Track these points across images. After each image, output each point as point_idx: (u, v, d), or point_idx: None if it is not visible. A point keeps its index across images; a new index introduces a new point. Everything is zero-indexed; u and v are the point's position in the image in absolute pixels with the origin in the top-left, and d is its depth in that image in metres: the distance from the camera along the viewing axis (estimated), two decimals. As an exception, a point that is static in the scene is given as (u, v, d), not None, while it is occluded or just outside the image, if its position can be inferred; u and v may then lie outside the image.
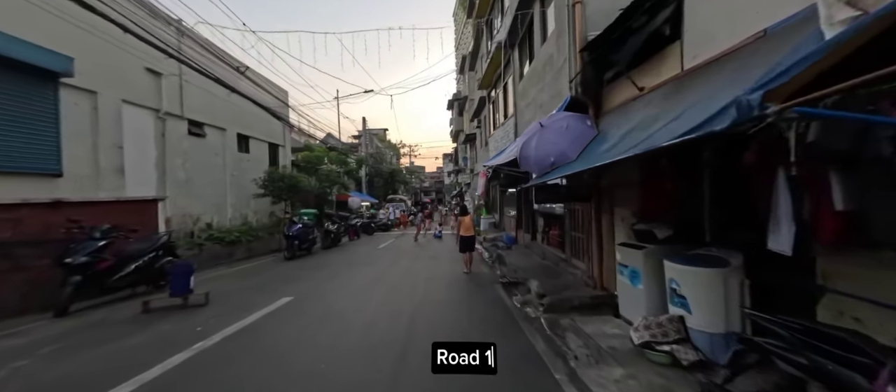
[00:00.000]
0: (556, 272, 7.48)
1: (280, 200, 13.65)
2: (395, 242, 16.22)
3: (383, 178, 34.53)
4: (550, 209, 9.51)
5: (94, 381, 3.25)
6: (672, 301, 3.63)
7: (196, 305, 5.57)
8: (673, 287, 3.59)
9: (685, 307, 3.47)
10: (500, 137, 13.46)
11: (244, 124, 13.61)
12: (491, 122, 15.97)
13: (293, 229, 11.15)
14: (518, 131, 11.33)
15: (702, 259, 3.44)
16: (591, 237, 6.39)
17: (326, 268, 9.61)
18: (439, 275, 8.58)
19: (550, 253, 8.91)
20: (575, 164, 4.89)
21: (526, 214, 12.31)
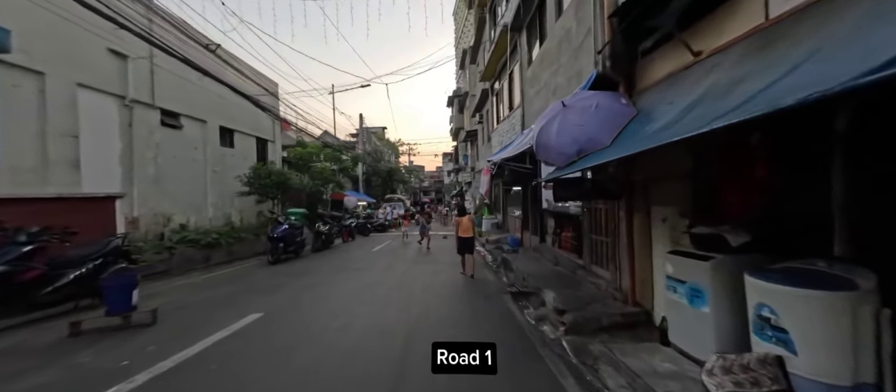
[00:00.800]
0: (573, 281, 6.47)
1: (267, 199, 12.62)
2: (391, 244, 15.22)
3: (381, 177, 33.51)
4: (563, 208, 8.51)
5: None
6: (761, 334, 2.62)
7: (141, 325, 4.54)
8: (764, 315, 2.58)
9: (786, 345, 2.46)
10: (504, 131, 12.46)
11: (228, 116, 12.59)
12: (494, 116, 14.97)
13: (278, 231, 10.13)
14: (525, 123, 10.33)
15: (809, 277, 2.44)
16: (619, 241, 5.38)
17: (312, 274, 8.59)
18: (439, 282, 7.57)
19: (564, 258, 7.91)
20: (610, 151, 3.88)
21: (533, 214, 11.30)
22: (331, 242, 14.03)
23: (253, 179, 12.19)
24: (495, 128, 14.29)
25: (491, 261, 10.80)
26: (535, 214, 10.92)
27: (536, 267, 8.04)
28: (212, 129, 11.87)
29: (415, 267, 9.45)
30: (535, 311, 5.78)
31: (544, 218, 10.00)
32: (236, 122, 13.12)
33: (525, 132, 9.69)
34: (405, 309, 5.40)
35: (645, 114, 4.03)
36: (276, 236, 10.03)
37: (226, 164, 12.43)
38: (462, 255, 8.42)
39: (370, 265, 9.85)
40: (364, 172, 30.86)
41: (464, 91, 27.35)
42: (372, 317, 5.00)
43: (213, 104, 11.67)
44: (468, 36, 25.86)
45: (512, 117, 11.52)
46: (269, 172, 12.34)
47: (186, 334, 4.22)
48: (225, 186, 12.19)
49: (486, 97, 16.53)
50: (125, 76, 8.74)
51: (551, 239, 9.25)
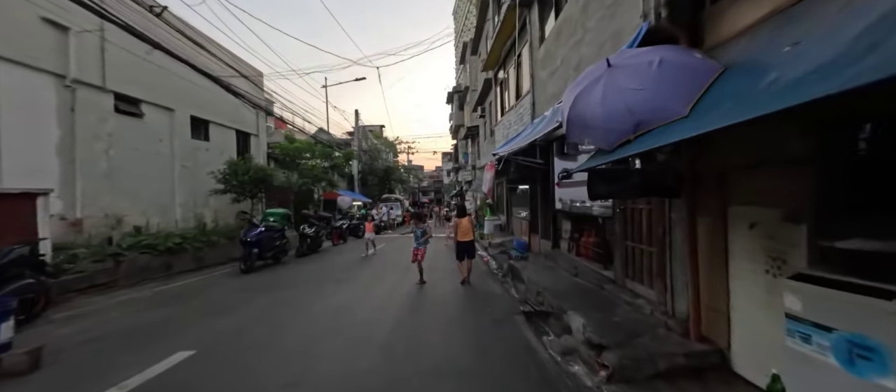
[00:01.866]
0: (602, 300, 5.17)
1: (245, 197, 11.29)
2: (385, 248, 13.90)
3: (378, 176, 32.18)
4: (583, 209, 7.22)
5: None
6: None
7: (12, 375, 3.22)
8: None
9: None
10: (510, 123, 11.17)
11: (202, 105, 11.28)
12: (497, 108, 13.68)
13: (252, 234, 8.82)
14: (536, 111, 9.04)
15: None
16: (671, 252, 4.09)
17: (285, 286, 7.28)
18: (435, 299, 6.27)
19: (585, 268, 6.61)
20: (691, 124, 2.58)
21: (543, 216, 10.00)
22: (318, 246, 12.72)
23: (229, 175, 10.87)
24: (499, 120, 13.00)
25: (495, 268, 9.50)
26: (547, 216, 9.62)
27: (552, 278, 6.74)
28: (181, 118, 10.54)
29: (408, 276, 8.14)
30: (558, 340, 4.50)
31: (558, 220, 8.71)
32: (212, 112, 11.79)
33: (537, 121, 8.40)
34: (388, 346, 4.05)
35: (742, 68, 2.72)
36: (249, 240, 8.72)
37: (198, 159, 11.11)
38: (461, 260, 7.44)
39: (356, 274, 8.53)
40: (360, 171, 29.55)
41: (464, 86, 26.08)
42: (338, 363, 3.63)
43: (182, 91, 10.36)
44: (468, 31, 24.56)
45: (519, 106, 10.24)
46: (247, 168, 11.02)
47: (70, 389, 2.90)
48: (198, 183, 10.88)
49: (489, 88, 15.24)
50: (65, 51, 7.42)
51: (567, 244, 7.95)
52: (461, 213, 8.57)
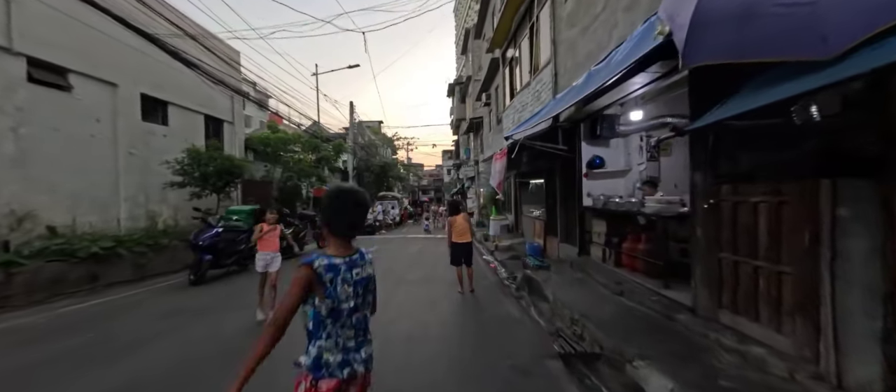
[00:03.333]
0: (682, 340, 3.42)
1: (209, 192, 9.55)
2: (379, 249, 12.16)
3: (374, 172, 30.45)
4: (629, 205, 5.52)
5: None
6: None
7: None
8: None
9: None
10: (524, 104, 9.44)
11: (159, 83, 9.56)
12: (505, 91, 11.94)
13: (205, 236, 7.10)
14: (559, 85, 7.31)
15: None
16: (831, 275, 2.37)
17: (232, 308, 5.54)
18: (433, 330, 4.52)
19: (634, 285, 4.87)
20: None
21: (564, 215, 8.28)
22: (300, 249, 10.97)
23: (188, 165, 9.13)
24: (508, 104, 11.27)
25: (506, 277, 7.77)
26: (570, 215, 7.89)
27: (588, 298, 4.99)
28: (127, 95, 8.78)
29: (398, 292, 6.41)
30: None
31: (586, 220, 6.98)
32: (172, 91, 10.06)
33: (561, 96, 6.66)
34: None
35: None
36: (199, 244, 6.99)
37: (152, 146, 9.37)
38: (458, 265, 6.21)
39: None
40: (355, 167, 27.81)
41: (466, 77, 24.32)
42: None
43: (131, 63, 8.65)
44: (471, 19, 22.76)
45: (535, 83, 8.50)
46: (210, 156, 9.28)
47: None
48: (151, 175, 9.16)
49: (496, 70, 13.50)
50: (-53, -3, 5.71)
51: (602, 252, 6.22)
52: (453, 210, 6.91)
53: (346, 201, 1.50)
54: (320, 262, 1.41)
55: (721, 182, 3.30)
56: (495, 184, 8.74)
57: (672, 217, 4.65)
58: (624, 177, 6.98)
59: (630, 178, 6.84)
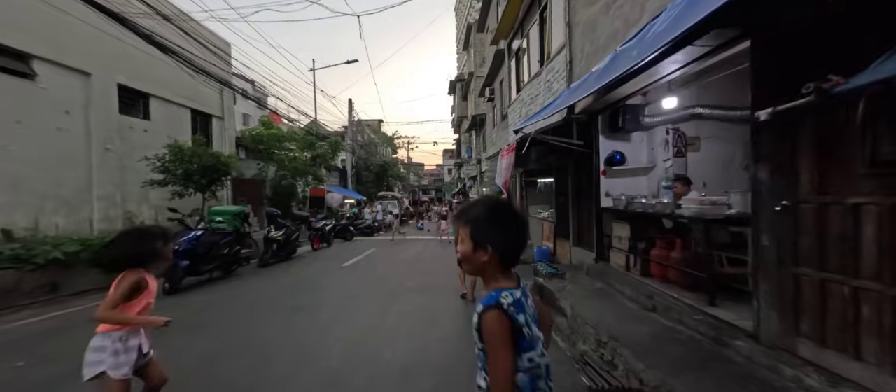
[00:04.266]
0: (747, 378, 2.71)
1: (192, 191, 8.86)
2: (376, 252, 11.51)
3: (374, 172, 29.77)
4: (661, 207, 4.82)
5: None
6: None
7: None
8: None
9: None
10: (533, 96, 8.74)
11: (139, 73, 8.88)
12: (511, 85, 11.25)
13: (182, 240, 6.41)
14: (575, 72, 6.63)
15: None
16: None
17: (203, 326, 4.87)
18: (434, 349, 3.82)
19: (670, 300, 4.16)
20: None
21: (578, 216, 7.58)
22: (292, 252, 10.31)
23: (170, 162, 8.45)
24: (514, 99, 10.57)
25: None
26: (585, 216, 7.20)
27: (614, 313, 4.29)
28: (102, 86, 8.09)
29: (394, 304, 5.71)
30: None
31: (604, 223, 6.27)
32: (154, 83, 9.38)
33: (577, 84, 5.96)
34: None
35: None
36: (175, 249, 6.28)
37: (131, 142, 8.69)
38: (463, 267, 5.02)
39: (325, 297, 6.09)
40: (353, 165, 27.12)
41: (468, 74, 23.63)
42: None
43: (106, 50, 7.97)
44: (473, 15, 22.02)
45: (546, 72, 7.80)
46: (194, 152, 8.59)
47: None
48: (129, 173, 8.47)
49: (501, 63, 12.80)
50: None
51: (625, 258, 5.50)
52: None
53: (512, 219, 1.19)
54: (506, 299, 1.07)
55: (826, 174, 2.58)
56: (501, 182, 8.03)
57: (718, 220, 3.95)
58: (646, 174, 6.27)
59: (654, 176, 6.14)
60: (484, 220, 1.13)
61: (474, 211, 1.19)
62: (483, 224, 1.13)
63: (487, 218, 1.14)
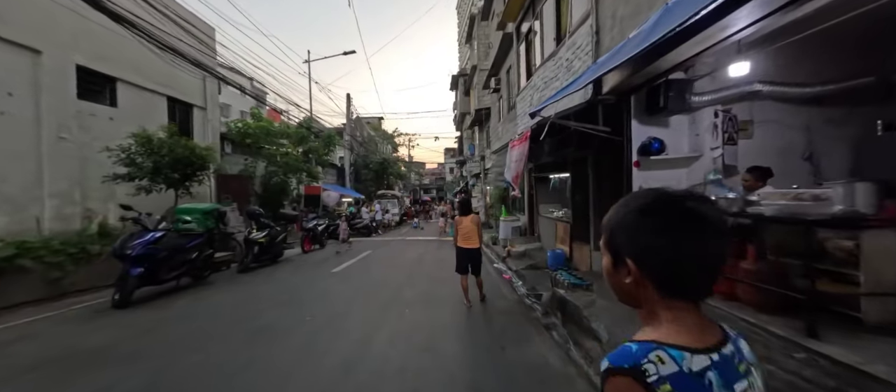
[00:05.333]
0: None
1: (160, 186, 7.86)
2: (372, 255, 10.51)
3: (373, 170, 28.79)
4: (721, 205, 3.80)
5: None
6: None
7: None
8: None
9: None
10: (547, 80, 7.71)
11: (102, 53, 7.91)
12: (520, 70, 10.22)
13: (135, 244, 5.42)
14: (602, 43, 5.61)
15: None
16: None
17: (134, 357, 3.87)
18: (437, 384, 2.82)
19: (746, 327, 3.12)
20: None
21: (598, 216, 6.55)
22: (278, 255, 9.32)
23: (137, 155, 7.47)
24: (524, 85, 9.55)
25: (525, 293, 6.07)
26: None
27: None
28: (55, 65, 7.08)
29: (388, 319, 4.71)
30: None
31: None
32: (122, 65, 8.40)
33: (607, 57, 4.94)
34: None
35: None
36: (127, 254, 5.30)
37: (92, 131, 7.71)
38: (463, 273, 5.32)
39: (306, 311, 5.06)
40: (352, 163, 26.13)
41: (470, 67, 22.59)
42: None
43: (61, 25, 7.01)
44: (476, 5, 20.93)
45: (565, 50, 6.77)
46: (162, 143, 7.59)
47: None
48: (90, 167, 7.49)
49: (509, 48, 11.77)
50: None
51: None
52: (464, 209, 5.41)
53: (683, 216, 0.61)
54: (657, 366, 0.56)
55: None
56: (512, 177, 7.01)
57: (818, 222, 2.93)
58: (688, 166, 5.25)
59: (698, 168, 5.11)
60: (628, 217, 0.64)
61: (616, 208, 0.69)
62: (626, 224, 0.65)
63: (635, 214, 0.64)
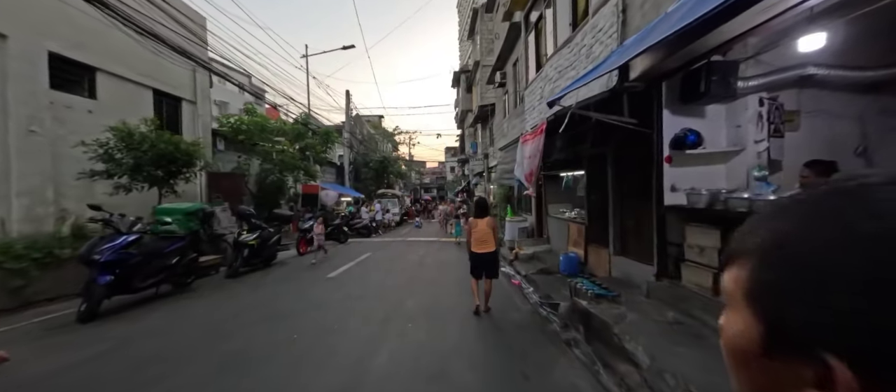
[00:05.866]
0: None
1: (141, 184, 7.26)
2: (372, 257, 9.93)
3: (373, 168, 28.18)
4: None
5: None
6: None
7: None
8: None
9: None
10: (561, 70, 7.10)
11: (79, 40, 7.33)
12: (529, 61, 9.62)
13: (103, 248, 4.82)
14: (630, 22, 5.01)
15: None
16: None
17: (83, 386, 3.28)
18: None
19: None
20: None
21: (619, 215, 5.99)
22: (270, 258, 8.73)
23: (115, 148, 6.87)
24: (534, 77, 8.94)
25: (537, 300, 5.48)
26: (636, 218, 5.60)
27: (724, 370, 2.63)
28: (24, 52, 6.48)
29: (385, 341, 4.11)
30: None
31: (669, 227, 4.66)
32: (102, 53, 7.80)
33: (634, 39, 4.34)
34: None
35: None
36: (94, 260, 4.71)
37: (68, 125, 7.11)
38: (477, 278, 4.92)
39: (278, 335, 4.45)
40: (351, 162, 25.53)
41: (473, 63, 21.97)
42: None
43: (32, 9, 6.41)
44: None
45: (583, 35, 6.17)
46: (143, 138, 6.99)
47: None
48: (66, 163, 6.89)
49: (516, 38, 11.16)
50: None
51: (714, 279, 3.87)
52: (481, 210, 5.01)
53: None
54: None
55: None
56: (524, 175, 6.41)
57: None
58: (726, 161, 4.65)
59: (739, 163, 4.51)
60: (852, 260, 0.24)
61: (796, 230, 0.29)
62: (845, 277, 0.24)
63: (821, 249, 0.25)
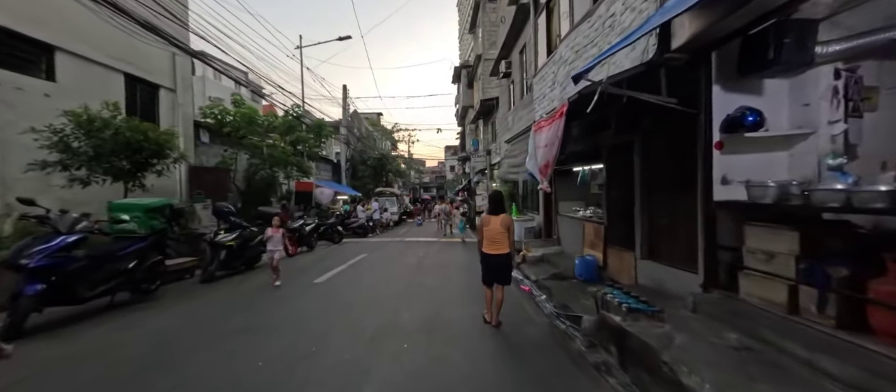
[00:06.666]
0: None
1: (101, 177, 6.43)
2: (366, 259, 9.11)
3: (371, 166, 27.34)
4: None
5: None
6: None
7: None
8: None
9: None
10: (578, 49, 6.28)
11: (36, 14, 6.50)
12: (539, 46, 8.81)
13: (35, 252, 3.98)
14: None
15: None
16: None
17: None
18: None
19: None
20: None
21: (647, 215, 5.17)
22: (253, 260, 7.92)
23: (72, 138, 6.03)
24: (545, 62, 8.12)
25: (555, 312, 4.65)
26: (671, 216, 4.78)
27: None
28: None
29: (372, 370, 3.29)
30: None
31: (722, 227, 3.84)
32: (64, 32, 6.97)
33: (676, 2, 3.50)
34: None
35: None
36: (22, 265, 3.88)
37: (19, 110, 6.23)
38: (489, 286, 4.33)
39: (242, 360, 3.62)
40: (348, 159, 24.69)
41: (475, 57, 21.15)
42: None
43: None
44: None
45: (605, 6, 5.34)
46: (105, 124, 6.16)
47: None
48: (17, 152, 6.05)
49: (524, 21, 10.33)
50: None
51: (790, 294, 3.05)
52: (496, 206, 4.53)
53: None
54: None
55: None
56: (539, 167, 5.58)
57: None
58: (789, 148, 3.83)
59: (806, 150, 3.70)
60: None
61: None
62: None
63: None
